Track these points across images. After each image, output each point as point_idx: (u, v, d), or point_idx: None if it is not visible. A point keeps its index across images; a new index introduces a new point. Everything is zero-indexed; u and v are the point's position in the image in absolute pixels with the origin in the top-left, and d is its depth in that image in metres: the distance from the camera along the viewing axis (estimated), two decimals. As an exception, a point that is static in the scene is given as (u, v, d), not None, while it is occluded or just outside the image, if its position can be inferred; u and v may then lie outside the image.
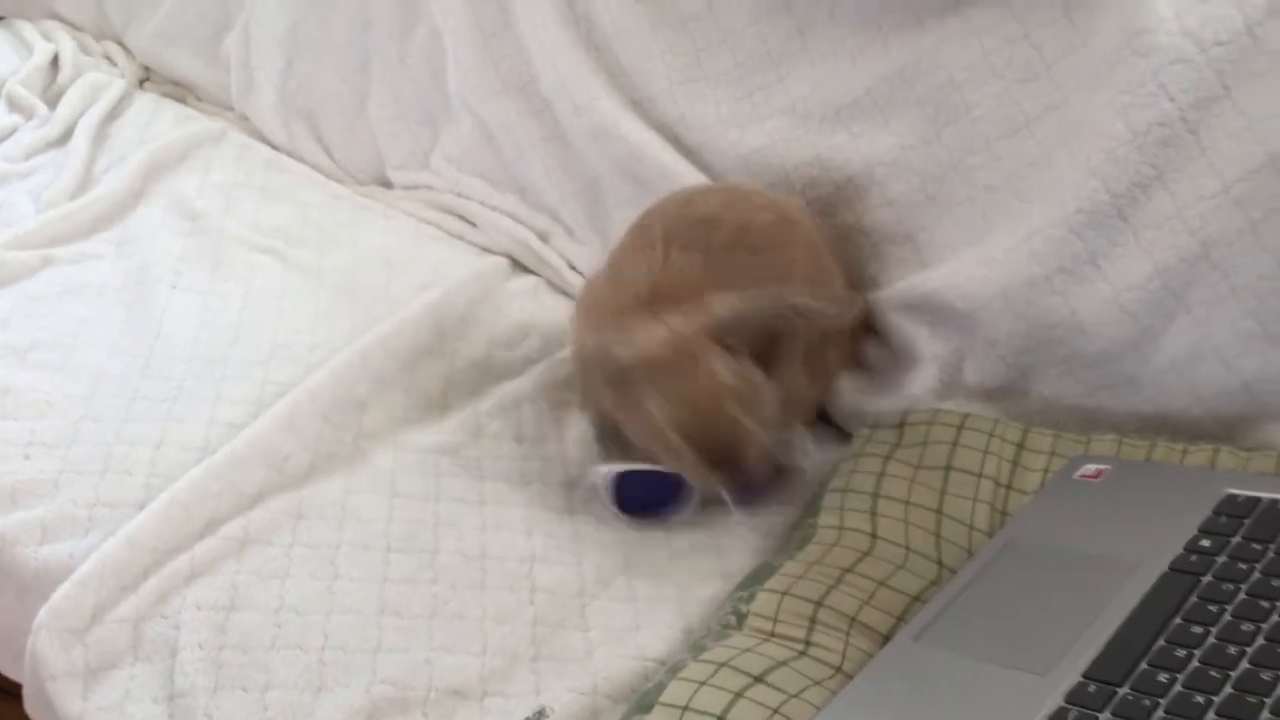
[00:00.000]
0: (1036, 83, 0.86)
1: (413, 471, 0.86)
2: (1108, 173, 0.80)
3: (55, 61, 1.44)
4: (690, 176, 1.01)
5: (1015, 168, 0.87)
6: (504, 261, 1.13)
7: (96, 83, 1.38)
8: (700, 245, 0.86)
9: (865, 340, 0.94)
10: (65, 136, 1.29)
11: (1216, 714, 0.54)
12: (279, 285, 1.06)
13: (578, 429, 0.90)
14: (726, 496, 0.77)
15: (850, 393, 0.93)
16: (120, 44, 1.52)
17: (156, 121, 1.33)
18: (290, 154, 1.32)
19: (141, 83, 1.48)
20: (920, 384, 0.90)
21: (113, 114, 1.34)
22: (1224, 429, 0.81)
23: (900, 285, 0.92)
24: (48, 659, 0.73)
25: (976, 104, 0.89)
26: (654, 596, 0.76)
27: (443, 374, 0.97)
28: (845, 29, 0.96)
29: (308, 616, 0.74)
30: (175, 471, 0.83)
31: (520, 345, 1.02)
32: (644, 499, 0.81)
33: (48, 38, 1.50)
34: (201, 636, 0.73)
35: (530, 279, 1.12)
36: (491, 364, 1.00)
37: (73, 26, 1.55)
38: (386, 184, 1.29)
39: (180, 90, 1.47)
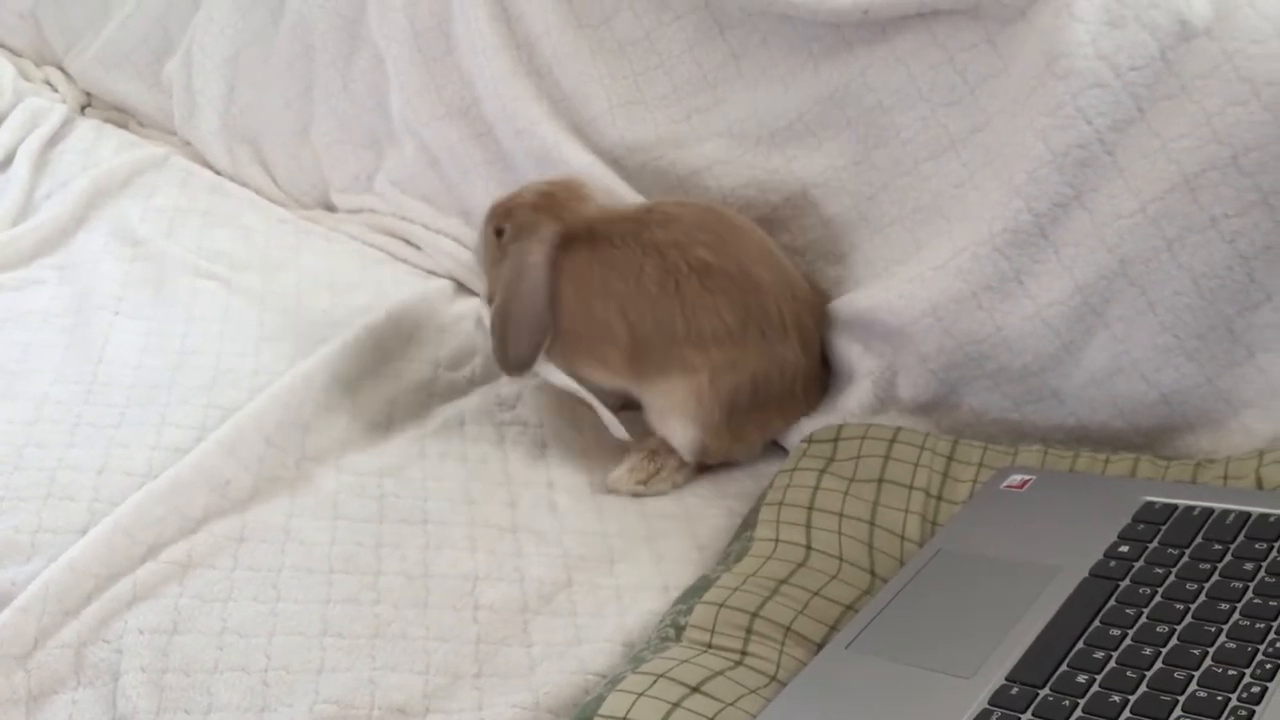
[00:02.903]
0: (961, 106, 0.89)
1: (356, 493, 0.87)
2: (1030, 193, 0.82)
3: (-5, 87, 1.44)
4: (631, 199, 1.02)
5: (942, 188, 0.89)
6: (448, 284, 1.14)
7: (37, 108, 1.37)
8: None
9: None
10: (6, 162, 1.29)
11: (1132, 712, 0.56)
12: (222, 310, 1.06)
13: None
14: None
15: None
16: (61, 69, 1.52)
17: (99, 147, 1.33)
18: (233, 179, 1.32)
19: (83, 108, 1.48)
20: (856, 399, 0.92)
21: (54, 140, 1.33)
22: (1144, 439, 0.84)
23: (835, 304, 0.94)
24: (-11, 686, 0.73)
25: (904, 126, 0.91)
26: (595, 611, 0.77)
27: (386, 396, 0.98)
28: (778, 54, 0.98)
29: (250, 639, 0.74)
30: (118, 497, 0.83)
31: (464, 367, 1.03)
32: None
33: (-13, 63, 1.49)
34: (144, 660, 0.73)
35: (474, 301, 1.12)
36: (435, 386, 1.01)
37: (12, 52, 1.54)
38: (330, 207, 1.29)
39: (122, 116, 1.47)
